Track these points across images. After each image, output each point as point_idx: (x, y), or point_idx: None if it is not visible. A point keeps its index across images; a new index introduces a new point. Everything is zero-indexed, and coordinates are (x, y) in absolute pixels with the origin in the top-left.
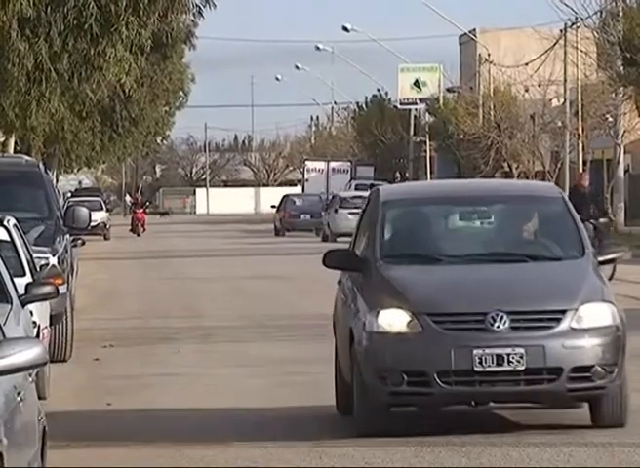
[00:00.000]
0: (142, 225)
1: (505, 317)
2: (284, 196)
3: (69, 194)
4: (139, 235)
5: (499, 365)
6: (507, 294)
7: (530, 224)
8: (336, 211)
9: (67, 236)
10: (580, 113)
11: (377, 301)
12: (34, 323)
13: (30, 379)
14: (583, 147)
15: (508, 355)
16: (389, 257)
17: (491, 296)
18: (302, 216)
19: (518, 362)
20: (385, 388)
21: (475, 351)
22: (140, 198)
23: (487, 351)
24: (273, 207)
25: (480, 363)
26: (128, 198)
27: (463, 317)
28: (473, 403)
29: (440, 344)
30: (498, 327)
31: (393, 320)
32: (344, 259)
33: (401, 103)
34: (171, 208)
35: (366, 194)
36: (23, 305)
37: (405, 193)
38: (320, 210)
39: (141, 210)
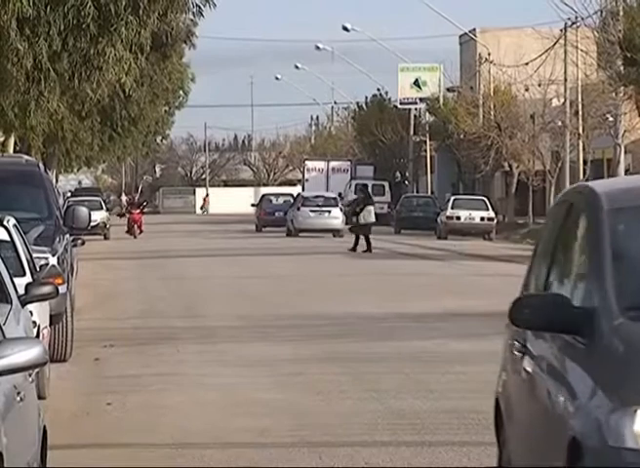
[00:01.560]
0: (139, 226)
1: None
2: (262, 195)
3: (69, 194)
4: (135, 237)
5: None
6: None
7: None
8: (298, 208)
9: (67, 236)
10: (580, 113)
11: (627, 392)
12: (34, 323)
13: (30, 379)
14: (584, 147)
15: None
16: (637, 309)
17: None
18: (276, 214)
19: None
20: None
21: None
22: (137, 198)
23: None
24: (253, 205)
25: None
26: (124, 198)
27: None
28: None
29: None
30: None
31: None
32: (551, 313)
33: (401, 103)
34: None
35: (329, 195)
36: (23, 305)
37: None
38: None
39: (138, 210)
